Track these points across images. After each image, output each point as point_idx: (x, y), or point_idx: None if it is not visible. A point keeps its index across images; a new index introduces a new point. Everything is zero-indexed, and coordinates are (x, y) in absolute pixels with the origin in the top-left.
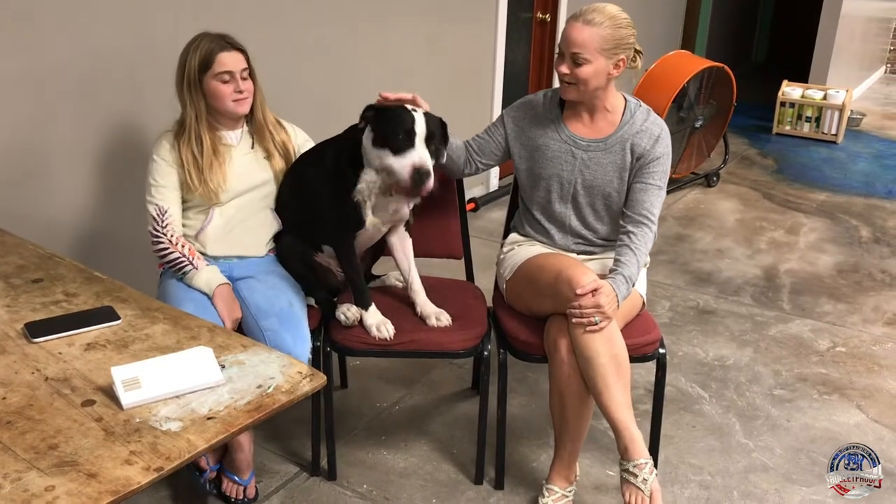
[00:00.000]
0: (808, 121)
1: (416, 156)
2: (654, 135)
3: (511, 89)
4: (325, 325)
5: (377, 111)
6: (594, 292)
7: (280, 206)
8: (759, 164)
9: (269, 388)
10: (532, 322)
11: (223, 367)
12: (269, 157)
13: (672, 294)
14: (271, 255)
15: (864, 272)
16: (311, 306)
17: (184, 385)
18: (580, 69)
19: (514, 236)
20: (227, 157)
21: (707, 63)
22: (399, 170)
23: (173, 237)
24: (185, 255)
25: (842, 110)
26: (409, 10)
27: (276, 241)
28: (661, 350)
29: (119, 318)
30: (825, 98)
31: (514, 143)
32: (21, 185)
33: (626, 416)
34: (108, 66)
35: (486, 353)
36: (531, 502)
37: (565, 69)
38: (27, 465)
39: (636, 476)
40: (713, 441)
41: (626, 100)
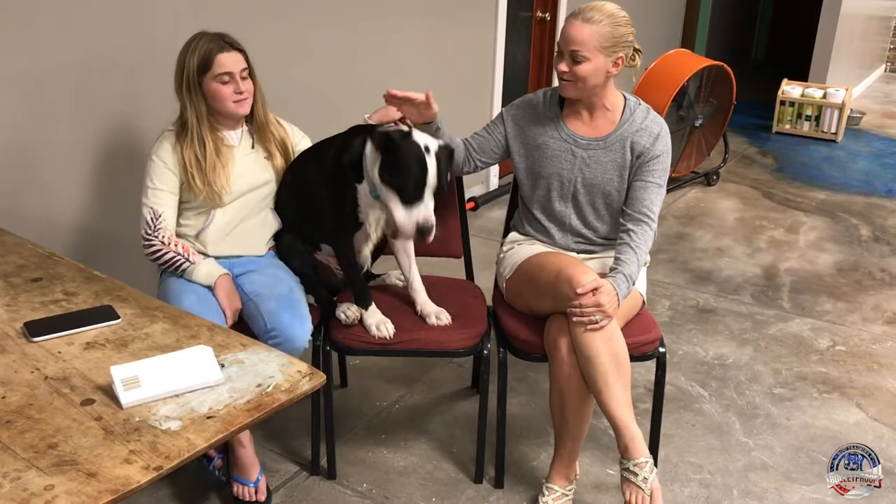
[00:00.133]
0: (808, 119)
1: (422, 213)
2: (654, 133)
3: (511, 88)
4: (324, 324)
5: (392, 144)
6: (594, 291)
7: (279, 205)
8: (759, 162)
9: (268, 386)
10: (532, 321)
11: (223, 366)
12: (270, 157)
13: (672, 293)
14: (271, 252)
15: (863, 271)
16: (311, 305)
17: (183, 384)
18: (579, 67)
19: (513, 235)
20: (229, 158)
21: (707, 62)
22: (403, 223)
23: (164, 237)
24: (179, 253)
25: (842, 109)
26: (409, 10)
27: (275, 240)
28: (660, 349)
29: (118, 318)
30: (825, 97)
31: (513, 142)
32: (21, 185)
33: (626, 414)
34: (108, 66)
35: (485, 351)
36: (531, 501)
37: (564, 67)
38: (26, 464)
39: (636, 475)
40: (713, 440)
41: (625, 98)
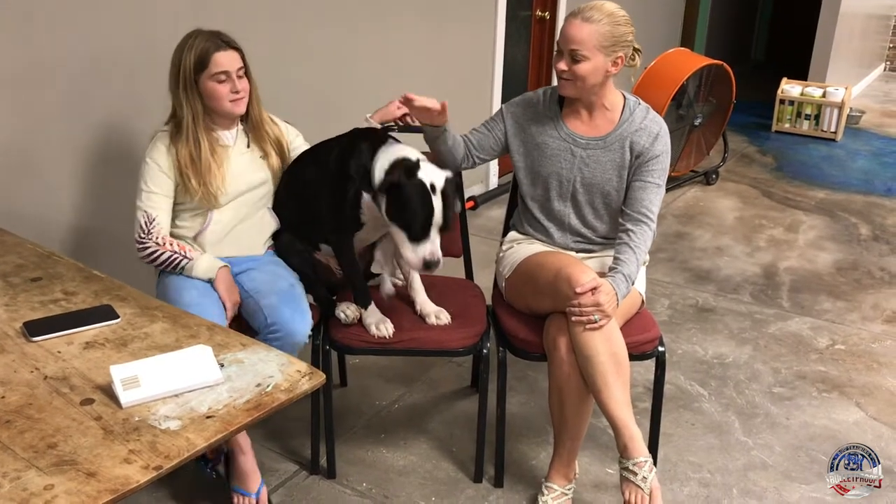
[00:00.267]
0: (808, 118)
1: (429, 250)
2: (654, 133)
3: (510, 87)
4: (324, 324)
5: (397, 187)
6: (594, 291)
7: (278, 205)
8: (759, 161)
9: (268, 386)
10: (531, 320)
11: (222, 365)
12: (266, 156)
13: (671, 292)
14: (270, 251)
15: (863, 270)
16: (310, 304)
17: (183, 384)
18: (578, 66)
19: (513, 234)
20: (224, 158)
21: (706, 61)
22: (410, 259)
23: (158, 238)
24: (176, 251)
25: (841, 108)
26: (409, 10)
27: (274, 239)
28: (660, 348)
29: (118, 317)
30: (824, 96)
31: (513, 140)
32: (20, 184)
33: (625, 414)
34: (108, 66)
35: (485, 351)
36: (530, 500)
37: (563, 66)
38: (26, 463)
39: (636, 474)
40: (712, 439)
41: (625, 98)
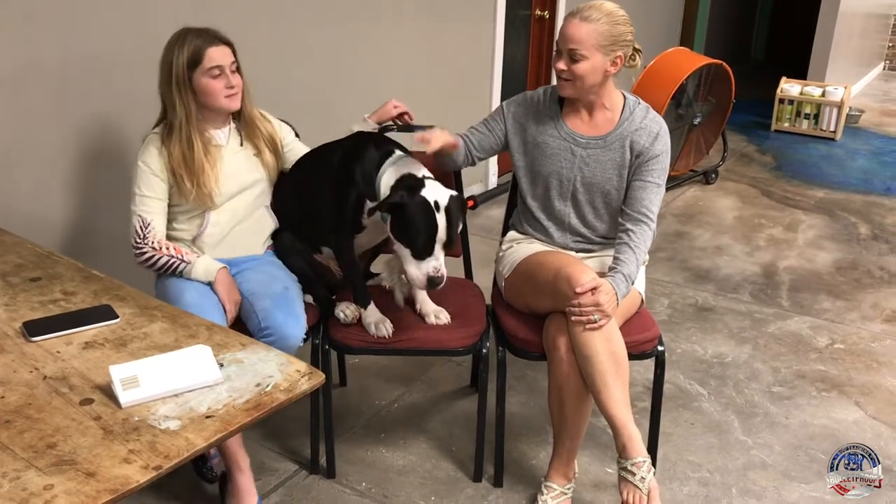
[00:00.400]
0: (807, 118)
1: (433, 266)
2: (654, 132)
3: (510, 87)
4: (323, 323)
5: (401, 207)
6: (593, 290)
7: (279, 205)
8: (758, 161)
9: (267, 386)
10: (531, 320)
11: (221, 365)
12: (259, 153)
13: (671, 291)
14: (269, 251)
15: (862, 269)
16: (309, 304)
17: (182, 384)
18: (577, 65)
19: (512, 234)
20: (217, 158)
21: (706, 60)
22: (415, 277)
23: (154, 243)
24: (173, 256)
25: (840, 107)
26: (408, 9)
27: (273, 239)
28: (659, 347)
29: (117, 317)
30: (824, 95)
31: (513, 140)
32: (20, 184)
33: (624, 414)
34: (108, 66)
35: (484, 350)
36: (530, 500)
37: (562, 66)
38: (26, 463)
39: (634, 474)
40: (712, 438)
41: (624, 97)
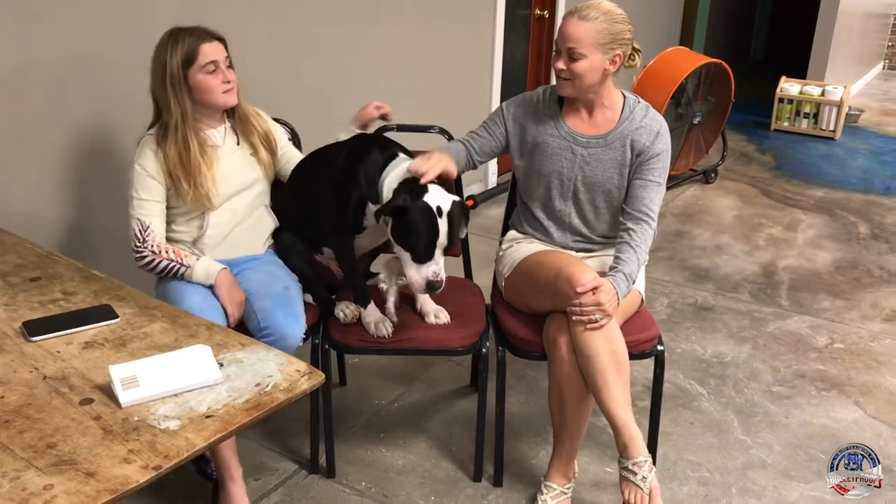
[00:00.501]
0: (807, 117)
1: (432, 270)
2: (654, 131)
3: (509, 86)
4: (323, 323)
5: (403, 211)
6: (595, 290)
7: (279, 206)
8: (758, 160)
9: (267, 386)
10: (530, 319)
11: (221, 365)
12: (255, 152)
13: (670, 291)
14: (270, 250)
15: (862, 268)
16: (309, 304)
17: (182, 383)
18: (576, 64)
19: (512, 233)
20: (213, 158)
21: (705, 59)
22: (414, 280)
23: (154, 246)
24: (173, 259)
25: (840, 106)
26: (408, 9)
27: (273, 238)
28: (659, 347)
29: (117, 317)
30: (823, 94)
31: (513, 141)
32: (19, 184)
33: (625, 414)
34: (109, 65)
35: (484, 350)
36: (530, 499)
37: (561, 65)
38: (25, 463)
39: (635, 474)
40: (711, 438)
41: (624, 96)
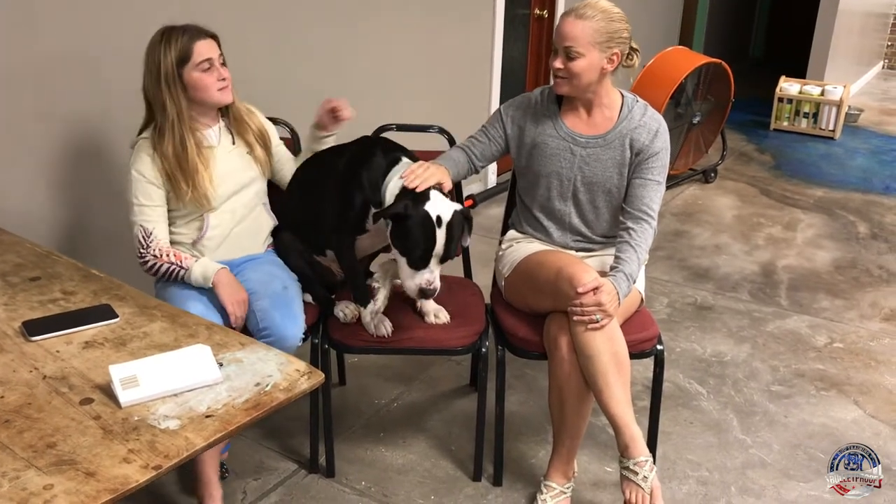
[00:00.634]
0: (806, 117)
1: (426, 278)
2: (653, 130)
3: (509, 86)
4: (323, 323)
5: (403, 217)
6: (595, 290)
7: (280, 207)
8: (757, 160)
9: (267, 385)
10: (530, 319)
11: (221, 364)
12: (252, 150)
13: (670, 290)
14: (270, 249)
15: (861, 268)
16: (309, 303)
17: (182, 383)
18: (573, 63)
19: (512, 233)
20: (210, 158)
21: (705, 59)
22: (408, 285)
23: (156, 250)
24: (174, 262)
25: (839, 106)
26: (408, 8)
27: (273, 237)
28: (658, 346)
29: (117, 317)
30: (823, 94)
31: (513, 143)
32: (17, 184)
33: (626, 413)
34: (108, 65)
35: (484, 349)
36: (529, 499)
37: (559, 64)
38: (25, 463)
39: (637, 474)
40: (711, 437)
41: (622, 95)
